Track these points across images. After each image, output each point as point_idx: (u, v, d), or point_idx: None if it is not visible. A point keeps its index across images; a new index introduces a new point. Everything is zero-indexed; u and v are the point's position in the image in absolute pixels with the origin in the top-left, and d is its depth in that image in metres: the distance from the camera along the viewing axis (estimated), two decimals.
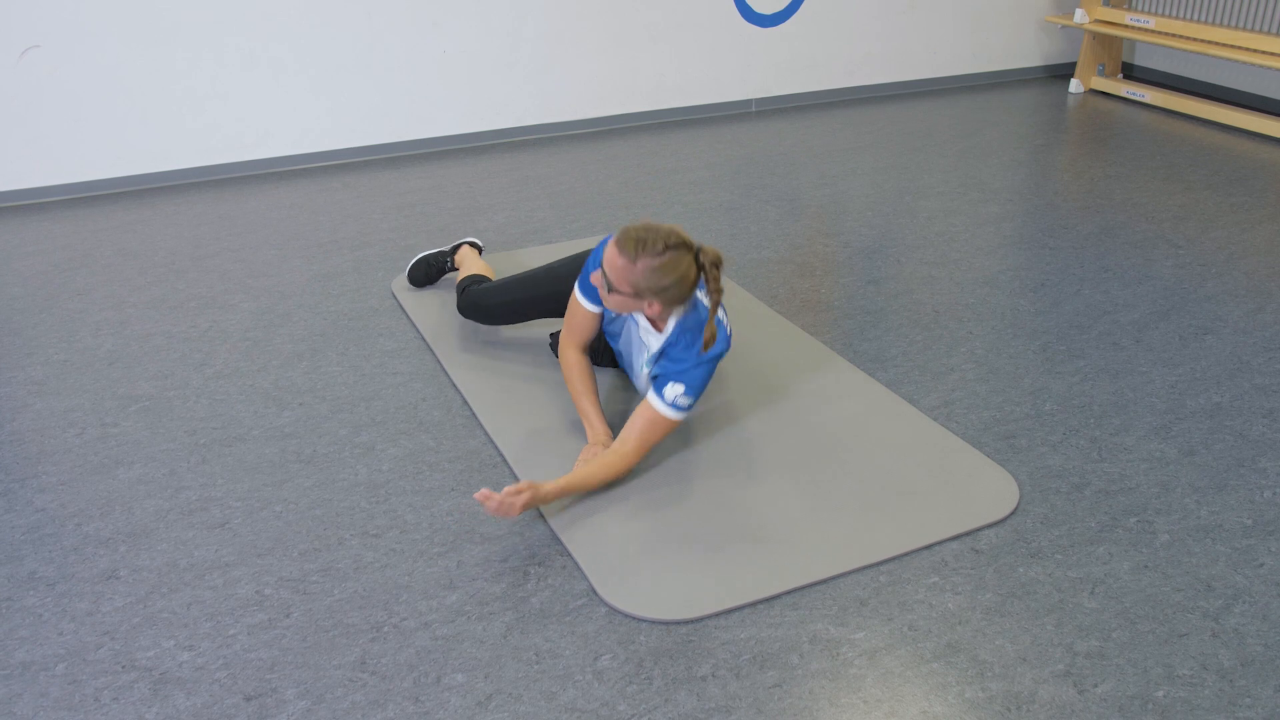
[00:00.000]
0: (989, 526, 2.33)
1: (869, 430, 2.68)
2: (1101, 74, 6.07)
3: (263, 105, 4.82)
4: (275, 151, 4.93)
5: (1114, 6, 5.89)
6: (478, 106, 5.18)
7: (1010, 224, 4.07)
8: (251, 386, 3.00)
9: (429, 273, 3.53)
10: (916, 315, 3.33)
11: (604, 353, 2.94)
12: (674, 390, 2.45)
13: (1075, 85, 6.05)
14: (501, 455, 2.62)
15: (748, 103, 5.80)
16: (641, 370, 2.65)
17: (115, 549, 2.33)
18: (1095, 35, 5.95)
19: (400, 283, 3.62)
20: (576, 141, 5.26)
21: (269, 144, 4.91)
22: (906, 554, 2.24)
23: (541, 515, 2.39)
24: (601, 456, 2.44)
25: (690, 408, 2.48)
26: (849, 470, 2.51)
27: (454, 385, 2.96)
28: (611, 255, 2.36)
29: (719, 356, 2.47)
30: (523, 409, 2.81)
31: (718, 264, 2.36)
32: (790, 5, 5.65)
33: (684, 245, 2.35)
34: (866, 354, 3.09)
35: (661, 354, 2.52)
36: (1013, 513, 2.37)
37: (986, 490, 2.44)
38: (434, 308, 3.41)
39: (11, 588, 2.22)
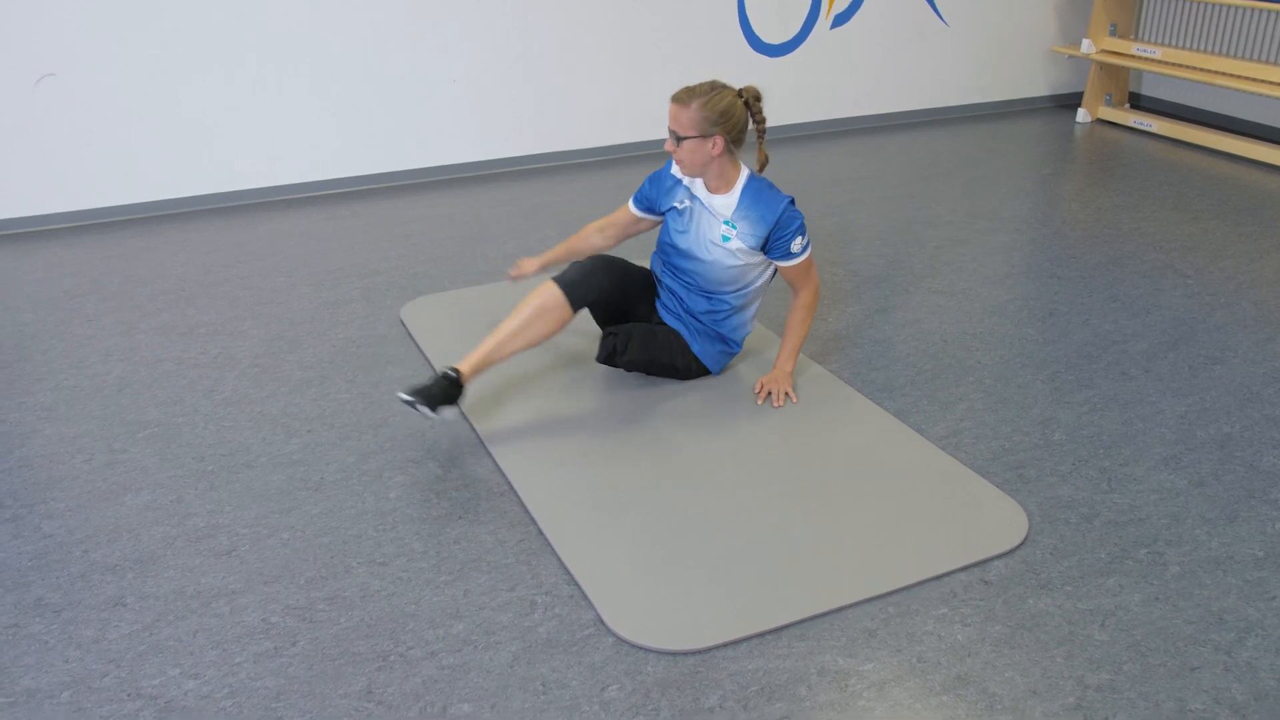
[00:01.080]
0: (998, 557, 2.32)
1: (877, 459, 2.67)
2: (1109, 104, 6.09)
3: (272, 133, 4.86)
4: (284, 179, 4.97)
5: (1120, 37, 5.93)
6: (486, 135, 5.21)
7: (1018, 253, 4.08)
8: (260, 413, 3.01)
9: (447, 391, 2.78)
10: (925, 344, 3.33)
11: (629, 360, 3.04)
12: (797, 244, 2.89)
13: (1082, 115, 6.08)
14: (509, 483, 2.62)
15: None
16: (716, 244, 2.94)
17: (122, 576, 2.33)
18: (1102, 65, 5.98)
19: (409, 310, 3.64)
20: (585, 170, 5.29)
21: (278, 172, 4.95)
22: (915, 585, 2.24)
23: (549, 545, 2.39)
24: (798, 315, 2.99)
25: (810, 249, 2.94)
26: (857, 500, 2.51)
27: (462, 413, 2.97)
28: (673, 111, 2.78)
29: (794, 209, 2.88)
30: (531, 437, 2.81)
31: (758, 97, 2.87)
32: (798, 35, 5.69)
33: (726, 86, 2.81)
34: (875, 383, 3.09)
35: (741, 216, 2.89)
36: (1022, 543, 2.36)
37: (995, 521, 2.43)
38: (443, 335, 3.42)
39: (18, 614, 2.22)
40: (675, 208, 2.99)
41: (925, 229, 4.36)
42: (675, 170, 3.00)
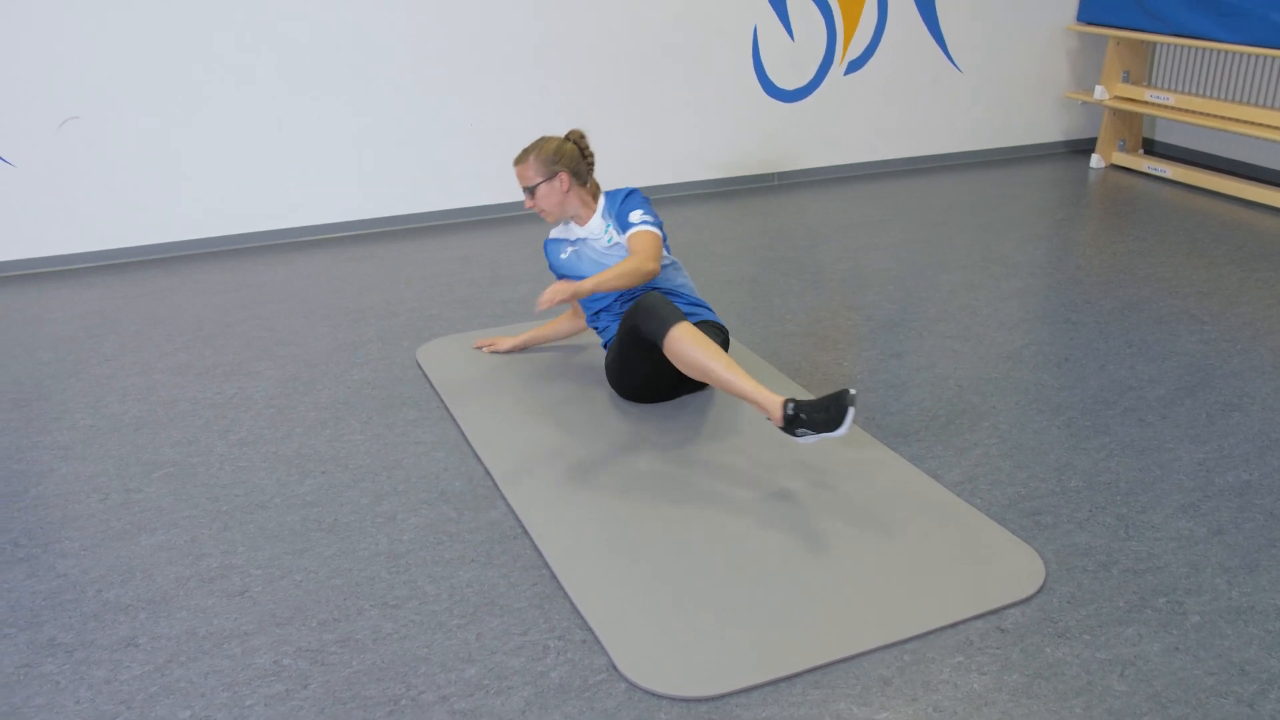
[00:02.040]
0: (1014, 605, 2.30)
1: (891, 505, 2.66)
2: (1122, 149, 6.11)
3: (291, 176, 4.92)
4: (303, 221, 5.02)
5: (1134, 83, 5.96)
6: (503, 178, 5.26)
7: (1033, 298, 4.08)
8: (274, 454, 3.02)
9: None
10: (939, 389, 3.33)
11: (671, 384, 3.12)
12: (635, 215, 3.13)
13: (1096, 160, 6.09)
14: (523, 527, 2.62)
15: (770, 176, 5.87)
16: (607, 249, 3.23)
17: (135, 616, 2.33)
18: (1115, 111, 6.01)
19: (425, 352, 3.65)
20: None
21: (297, 214, 5.00)
22: (930, 632, 2.21)
23: (563, 589, 2.38)
24: (619, 265, 3.01)
25: (656, 223, 3.12)
26: (872, 546, 2.49)
27: (476, 456, 2.97)
28: (517, 172, 3.18)
29: (635, 191, 3.20)
30: (545, 481, 2.81)
31: (583, 136, 3.26)
32: (812, 81, 5.74)
33: (552, 136, 3.22)
34: (889, 428, 3.08)
35: (607, 216, 3.23)
36: (1039, 591, 2.34)
37: (1012, 568, 2.41)
38: (458, 378, 3.43)
39: (31, 653, 2.22)
40: (563, 257, 3.31)
41: (939, 274, 4.37)
42: (553, 232, 3.37)
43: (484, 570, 2.46)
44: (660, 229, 3.16)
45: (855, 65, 5.79)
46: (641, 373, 3.06)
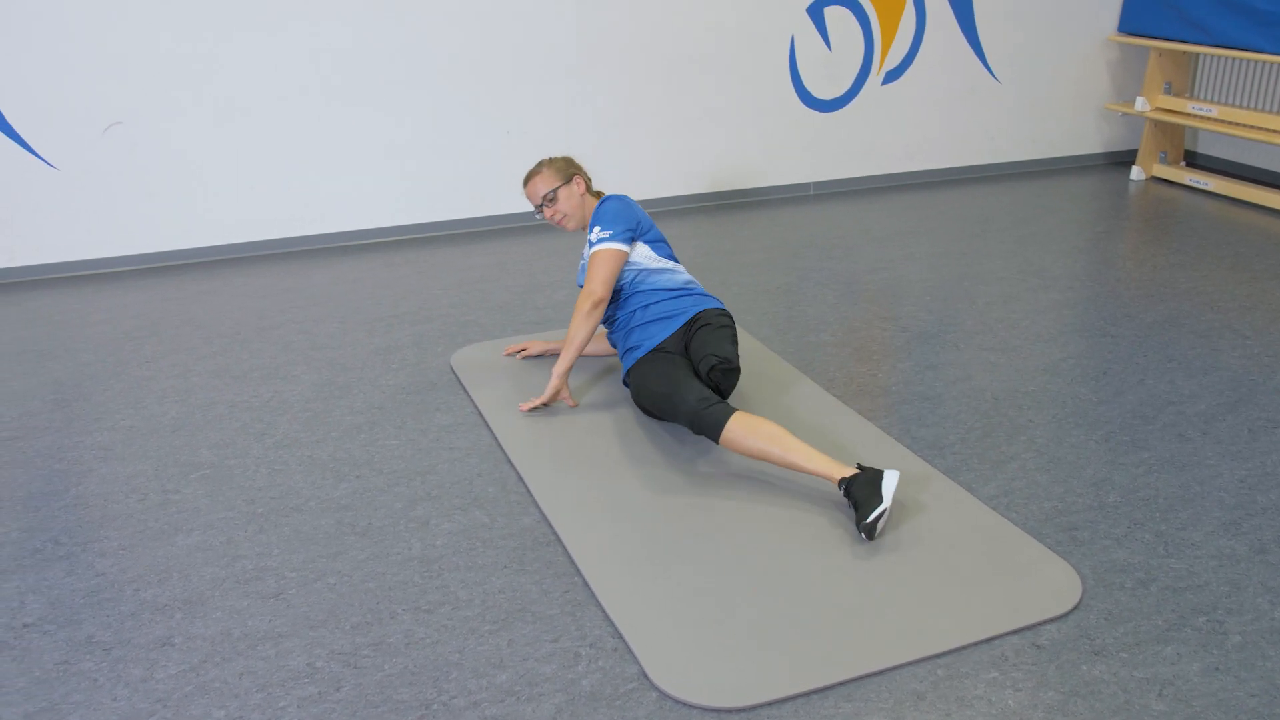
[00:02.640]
0: (1050, 621, 2.27)
1: (926, 518, 2.64)
2: (1164, 161, 6.04)
3: (328, 183, 4.96)
4: (341, 226, 5.06)
5: (1176, 95, 5.89)
6: None
7: (1071, 311, 4.04)
8: (310, 457, 3.04)
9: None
10: (975, 402, 3.30)
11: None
12: (594, 234, 3.14)
13: (1137, 172, 6.03)
14: (556, 534, 2.62)
15: (805, 186, 5.86)
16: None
17: (171, 616, 2.35)
18: (1157, 123, 5.95)
19: (459, 358, 3.67)
20: None
21: (335, 219, 5.04)
22: (965, 647, 2.19)
23: (594, 596, 2.38)
24: (573, 318, 3.10)
25: (613, 237, 3.11)
26: (906, 558, 2.47)
27: (509, 462, 2.98)
28: (531, 188, 3.31)
29: (609, 199, 3.20)
30: (579, 487, 2.81)
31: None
32: (849, 91, 5.72)
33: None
34: (924, 440, 3.06)
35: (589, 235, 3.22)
36: (1075, 607, 2.31)
37: (1048, 583, 2.38)
38: (492, 384, 3.45)
39: (69, 650, 2.25)
40: (582, 269, 3.32)
41: (976, 285, 4.33)
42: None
43: (516, 576, 2.46)
44: (621, 240, 3.13)
45: (893, 75, 5.77)
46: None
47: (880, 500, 2.50)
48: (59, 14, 4.34)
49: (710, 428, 2.77)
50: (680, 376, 2.91)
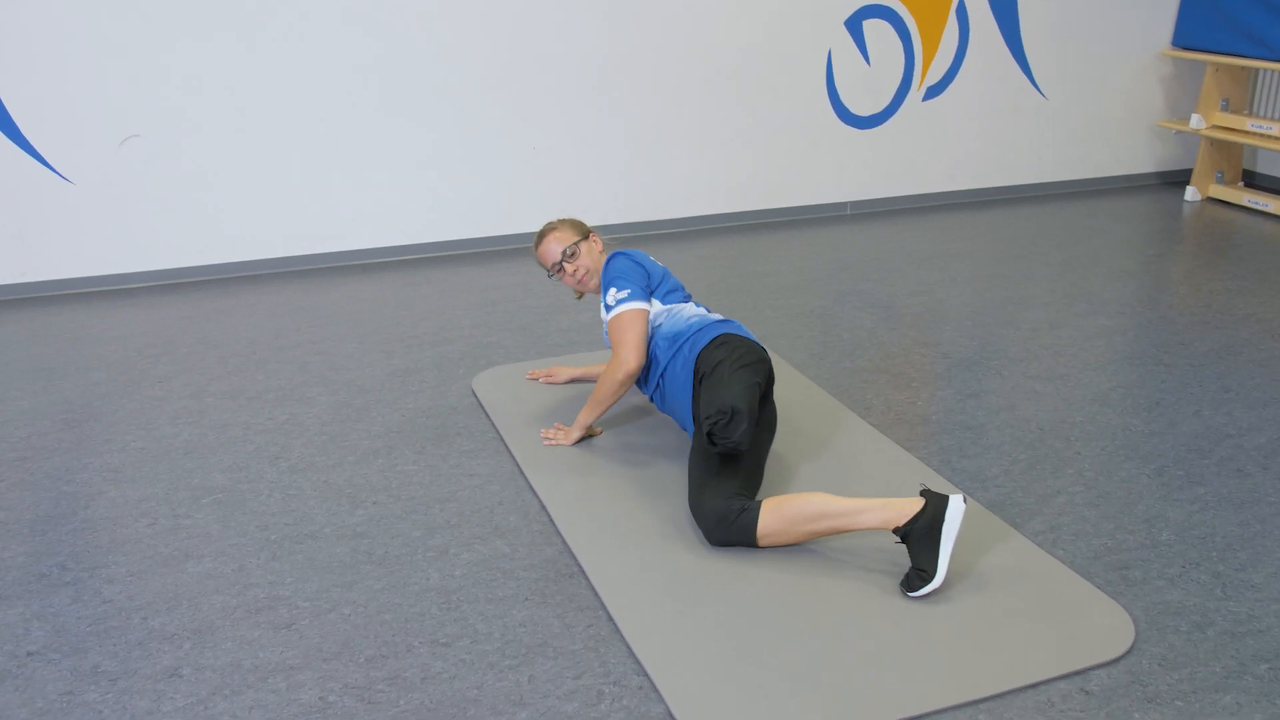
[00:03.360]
0: (1100, 666, 2.24)
1: (968, 555, 2.61)
2: (1220, 181, 6.00)
3: (349, 199, 5.00)
4: (360, 244, 5.10)
5: (1234, 112, 5.85)
6: (566, 203, 5.30)
7: (1121, 338, 4.00)
8: (325, 482, 3.05)
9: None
10: (1020, 433, 3.27)
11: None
12: (610, 296, 3.03)
13: (1191, 192, 5.99)
14: (579, 565, 2.61)
15: (842, 205, 5.85)
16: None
17: (180, 645, 2.36)
18: (1213, 141, 5.90)
19: (481, 381, 3.68)
20: (664, 241, 5.35)
21: (354, 237, 5.08)
22: (1009, 692, 2.16)
23: (619, 631, 2.36)
24: (599, 381, 3.03)
25: (630, 296, 3.00)
26: (946, 597, 2.45)
27: (532, 489, 2.98)
28: (546, 247, 3.24)
29: (615, 256, 3.11)
30: (603, 517, 2.81)
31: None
32: (888, 107, 5.72)
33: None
34: (966, 472, 3.03)
35: (603, 298, 3.09)
36: (1127, 652, 2.28)
37: (1097, 626, 2.35)
38: (515, 408, 3.45)
39: (74, 680, 2.25)
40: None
41: (1020, 310, 4.31)
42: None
43: (538, 610, 2.46)
44: (640, 298, 3.00)
45: (934, 91, 5.76)
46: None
47: (933, 571, 2.39)
48: (74, 23, 4.41)
49: (742, 539, 2.59)
50: (703, 475, 2.69)
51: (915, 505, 2.46)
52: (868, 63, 5.58)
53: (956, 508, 2.41)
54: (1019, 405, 3.45)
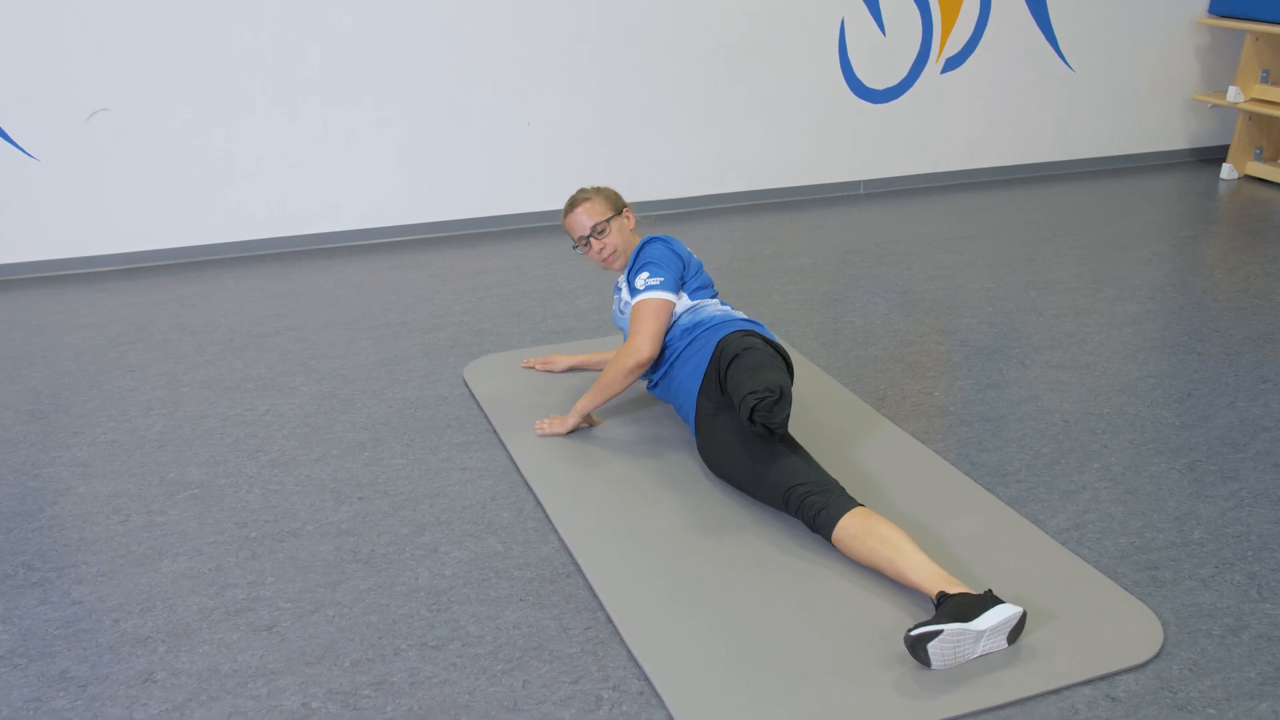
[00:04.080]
0: (1127, 671, 2.24)
1: (987, 553, 2.62)
2: (1259, 158, 5.99)
3: (334, 176, 5.00)
4: (345, 225, 5.10)
5: (1274, 84, 5.84)
6: (561, 183, 5.27)
7: (1151, 325, 4.00)
8: (308, 477, 3.06)
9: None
10: (1043, 425, 3.28)
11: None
12: (641, 279, 3.04)
13: (1228, 170, 5.98)
14: (576, 564, 2.62)
15: (856, 184, 5.85)
16: (621, 312, 3.23)
17: (154, 649, 2.37)
18: (1252, 116, 5.89)
19: (473, 370, 3.68)
20: (667, 222, 5.35)
21: (339, 217, 5.08)
22: (1030, 698, 2.17)
23: (618, 634, 2.37)
24: (608, 366, 3.06)
25: (663, 285, 3.02)
26: None
27: (526, 484, 2.99)
28: (578, 217, 3.23)
29: (653, 240, 3.12)
30: (602, 514, 2.81)
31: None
32: (905, 80, 5.72)
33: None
34: (985, 466, 3.04)
35: (629, 283, 3.13)
36: (1155, 657, 2.29)
37: (1124, 629, 2.36)
38: (509, 398, 3.46)
39: (41, 686, 2.26)
40: (620, 312, 3.26)
41: (1044, 295, 4.31)
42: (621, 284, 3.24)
43: (533, 611, 2.46)
44: (671, 289, 3.03)
45: (953, 63, 5.76)
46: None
47: (953, 621, 2.20)
48: None
49: (825, 524, 2.55)
50: (765, 448, 2.71)
51: (974, 591, 2.34)
52: (883, 33, 5.58)
53: (1010, 610, 2.24)
54: (1042, 396, 3.46)
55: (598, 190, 3.27)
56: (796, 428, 3.17)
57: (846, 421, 3.28)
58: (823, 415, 3.31)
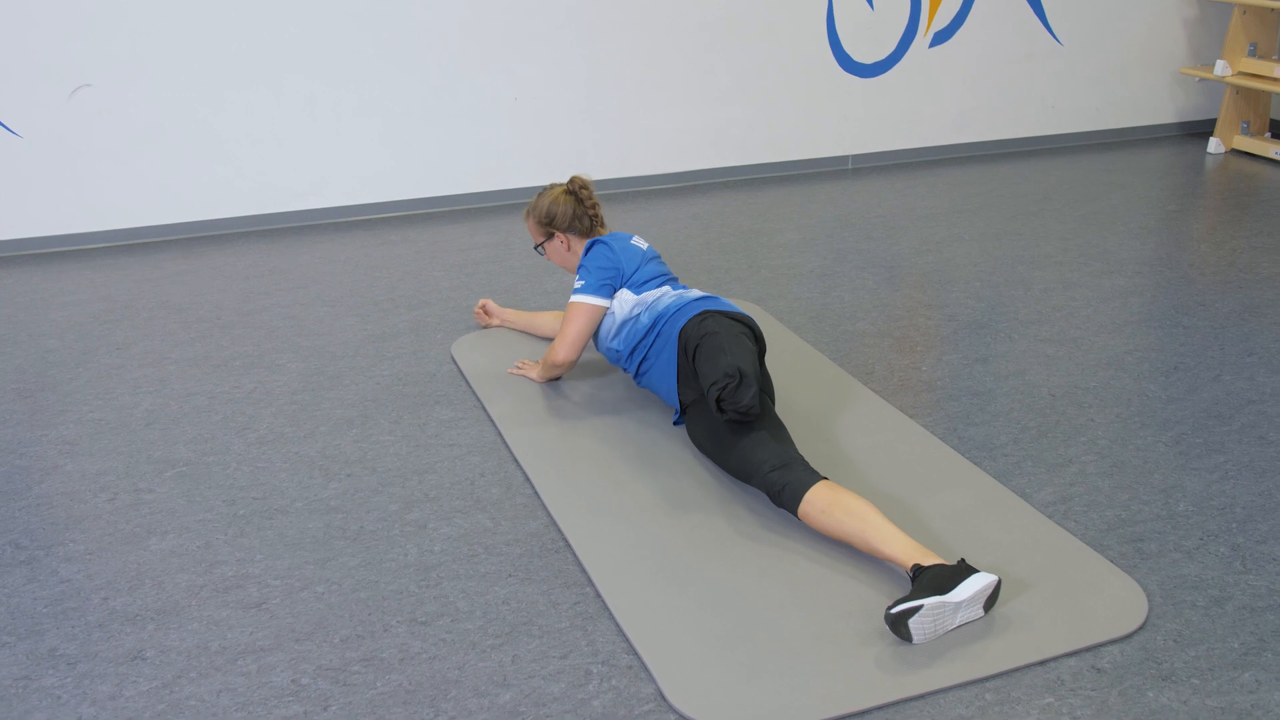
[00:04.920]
0: (1112, 642, 2.26)
1: (974, 527, 2.63)
2: (1246, 132, 6.00)
3: (320, 152, 4.98)
4: (332, 201, 5.08)
5: (1262, 58, 5.84)
6: (550, 158, 5.28)
7: (1138, 299, 4.01)
8: (296, 454, 3.06)
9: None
10: (1030, 399, 3.29)
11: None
12: (578, 281, 3.17)
13: (1215, 144, 5.99)
14: (565, 540, 2.63)
15: (844, 159, 5.84)
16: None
17: (143, 627, 2.37)
18: (1239, 90, 5.90)
19: (460, 346, 3.68)
20: (655, 198, 5.33)
21: (325, 193, 5.06)
22: (1017, 670, 2.19)
23: (607, 609, 2.38)
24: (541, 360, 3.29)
25: (585, 288, 3.14)
26: None
27: (515, 460, 2.99)
28: (528, 229, 3.39)
29: (595, 243, 3.20)
30: (591, 489, 2.82)
31: (585, 185, 3.35)
32: (893, 54, 5.70)
33: (552, 186, 3.39)
34: (973, 441, 3.05)
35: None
36: (1140, 628, 2.30)
37: (1110, 600, 2.37)
38: (497, 375, 3.46)
39: (30, 665, 2.27)
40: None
41: (1031, 270, 4.31)
42: None
43: (522, 586, 2.47)
44: (595, 293, 3.12)
45: (941, 37, 5.74)
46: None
47: (931, 595, 2.21)
48: None
49: (789, 500, 2.57)
50: (730, 431, 2.73)
51: (947, 561, 2.37)
52: (871, 6, 5.55)
53: (986, 578, 2.26)
54: (1029, 370, 3.47)
55: (535, 210, 3.35)
56: (783, 403, 3.18)
57: (834, 397, 3.28)
58: (811, 390, 3.31)
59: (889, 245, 4.64)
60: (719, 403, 2.65)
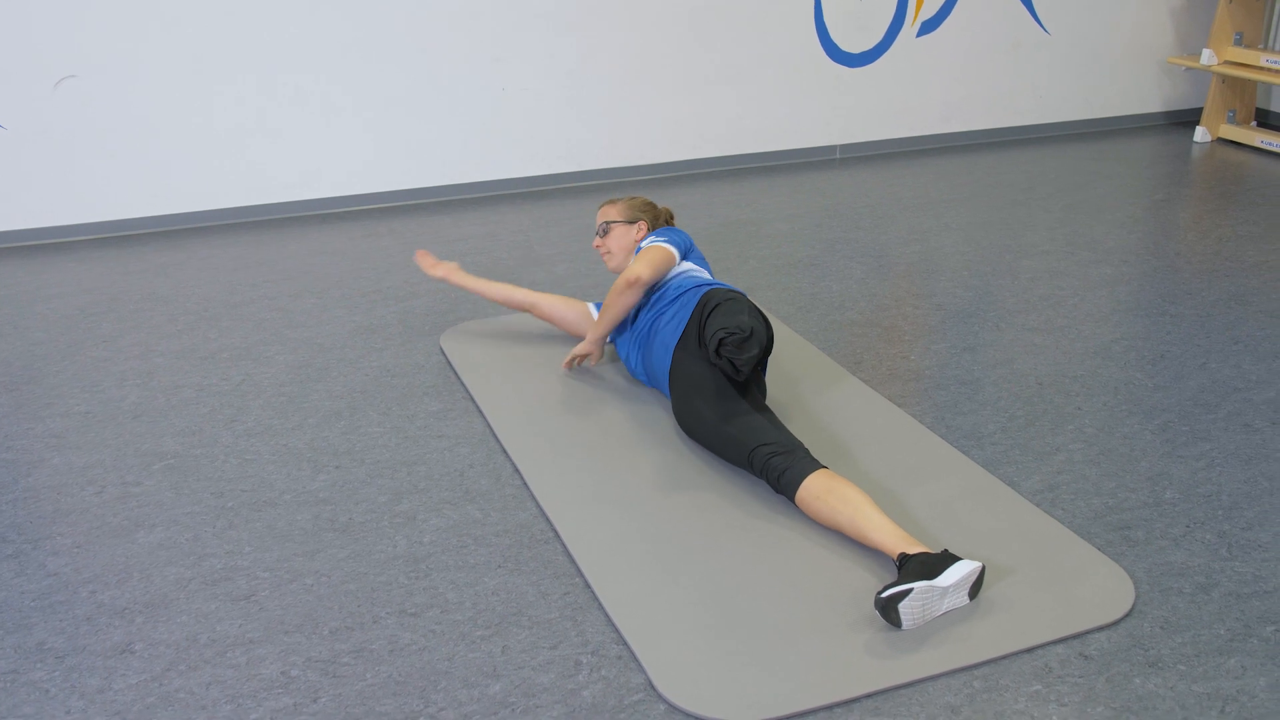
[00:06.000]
0: (1100, 630, 2.27)
1: (962, 516, 2.64)
2: (1232, 121, 6.01)
3: (307, 143, 4.96)
4: (319, 193, 5.06)
5: (1248, 47, 5.85)
6: (537, 148, 5.27)
7: (1125, 288, 4.03)
8: (285, 446, 3.05)
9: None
10: (1018, 388, 3.30)
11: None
12: (647, 241, 3.21)
13: (1201, 133, 6.00)
14: (555, 531, 2.63)
15: (832, 149, 5.84)
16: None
17: (131, 620, 2.37)
18: (1225, 79, 5.91)
19: (449, 338, 3.67)
20: (644, 188, 5.32)
21: (312, 185, 5.04)
22: (1005, 657, 2.20)
23: (597, 599, 2.38)
24: (611, 292, 3.17)
25: (669, 241, 3.17)
26: None
27: (504, 451, 2.99)
28: (602, 210, 3.48)
29: (655, 233, 3.26)
30: (580, 481, 2.82)
31: (671, 218, 3.54)
32: (880, 44, 5.70)
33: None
34: (960, 429, 3.06)
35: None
36: (1127, 615, 2.31)
37: (1097, 588, 2.38)
38: (485, 366, 3.45)
39: (18, 659, 2.26)
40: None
41: (1019, 259, 4.32)
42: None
43: (511, 577, 2.47)
44: (672, 244, 3.19)
45: (929, 26, 5.74)
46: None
47: (919, 580, 2.23)
48: None
49: (788, 485, 2.59)
50: (733, 407, 2.77)
51: (932, 550, 2.39)
52: None
53: (970, 565, 2.30)
54: (1017, 359, 3.48)
55: (632, 201, 3.48)
56: (773, 391, 3.19)
57: (822, 386, 3.29)
58: (799, 380, 3.32)
59: (877, 235, 4.64)
60: (720, 345, 2.66)
